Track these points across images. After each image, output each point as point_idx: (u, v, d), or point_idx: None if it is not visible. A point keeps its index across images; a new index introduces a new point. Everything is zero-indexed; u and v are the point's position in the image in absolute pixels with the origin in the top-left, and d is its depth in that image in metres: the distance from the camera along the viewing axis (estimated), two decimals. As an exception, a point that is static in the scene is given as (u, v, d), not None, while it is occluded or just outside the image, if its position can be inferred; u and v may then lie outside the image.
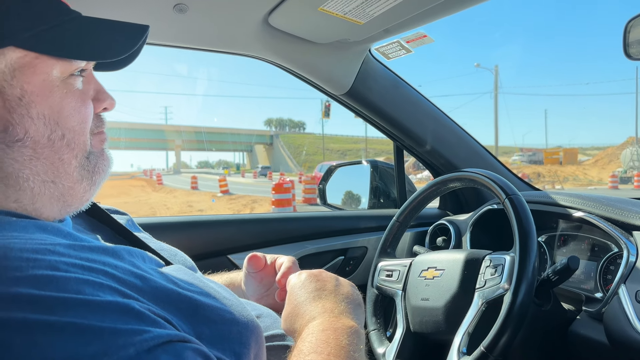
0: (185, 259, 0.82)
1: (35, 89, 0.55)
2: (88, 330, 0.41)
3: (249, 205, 14.22)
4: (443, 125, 1.68)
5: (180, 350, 0.44)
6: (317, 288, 0.70)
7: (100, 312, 0.42)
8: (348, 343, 0.59)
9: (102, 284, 0.46)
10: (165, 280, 0.53)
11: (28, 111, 0.54)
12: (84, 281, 0.45)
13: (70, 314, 0.41)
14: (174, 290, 0.52)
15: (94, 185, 0.63)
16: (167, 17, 1.17)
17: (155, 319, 0.46)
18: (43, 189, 0.57)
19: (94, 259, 0.49)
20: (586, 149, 74.93)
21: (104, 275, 0.47)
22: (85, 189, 0.61)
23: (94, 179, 0.62)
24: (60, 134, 0.57)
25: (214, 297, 0.56)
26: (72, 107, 0.58)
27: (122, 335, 0.42)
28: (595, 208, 1.18)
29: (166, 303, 0.50)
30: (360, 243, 1.65)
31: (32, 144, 0.55)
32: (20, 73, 0.54)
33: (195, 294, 0.54)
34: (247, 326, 0.56)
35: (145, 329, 0.43)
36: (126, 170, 64.23)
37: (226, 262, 1.46)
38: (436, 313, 1.05)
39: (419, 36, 1.35)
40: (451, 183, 1.21)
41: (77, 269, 0.46)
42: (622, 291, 1.01)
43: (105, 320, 0.42)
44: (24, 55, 0.54)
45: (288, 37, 1.34)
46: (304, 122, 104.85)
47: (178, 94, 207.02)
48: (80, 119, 0.59)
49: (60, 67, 0.57)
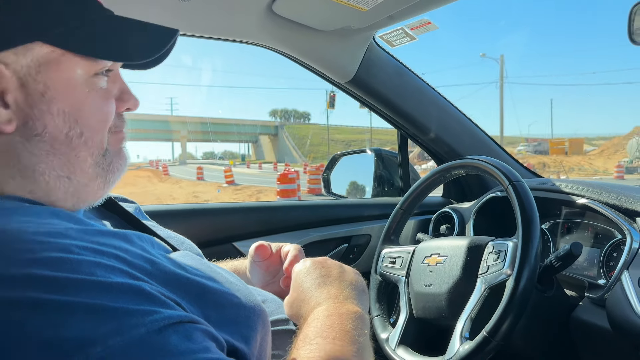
0: (192, 247, 0.83)
1: (59, 85, 0.55)
2: (101, 310, 0.41)
3: (254, 195, 14.25)
4: (447, 113, 1.68)
5: (190, 331, 0.45)
6: (322, 275, 0.71)
7: (112, 293, 0.43)
8: (353, 328, 0.60)
9: (114, 266, 0.46)
10: (174, 265, 0.54)
11: (49, 107, 0.55)
12: (95, 264, 0.45)
13: (82, 294, 0.42)
14: (182, 275, 0.52)
15: (108, 183, 0.63)
16: (171, 5, 1.17)
17: (165, 301, 0.46)
18: (58, 183, 0.57)
19: (105, 242, 0.50)
20: (592, 138, 74.39)
21: (115, 259, 0.48)
22: (100, 186, 0.62)
23: (108, 177, 0.62)
24: (79, 132, 0.57)
25: (221, 282, 0.57)
26: (93, 106, 0.58)
27: (133, 315, 0.42)
28: (598, 195, 1.18)
29: (175, 287, 0.50)
30: (364, 231, 1.66)
31: (50, 139, 0.55)
32: (45, 69, 0.54)
33: (203, 279, 0.54)
34: (254, 310, 0.57)
35: (156, 309, 0.44)
36: (132, 161, 64.43)
37: (231, 249, 1.47)
38: (439, 299, 1.06)
39: (423, 23, 1.35)
40: (455, 170, 1.21)
41: (89, 252, 0.46)
42: (625, 277, 1.02)
43: (118, 301, 0.43)
44: (50, 52, 0.54)
45: (292, 25, 1.34)
46: (309, 113, 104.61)
47: (183, 84, 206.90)
48: (101, 118, 0.60)
49: (85, 65, 0.57)
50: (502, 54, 43.04)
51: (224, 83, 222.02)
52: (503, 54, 41.52)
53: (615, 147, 36.49)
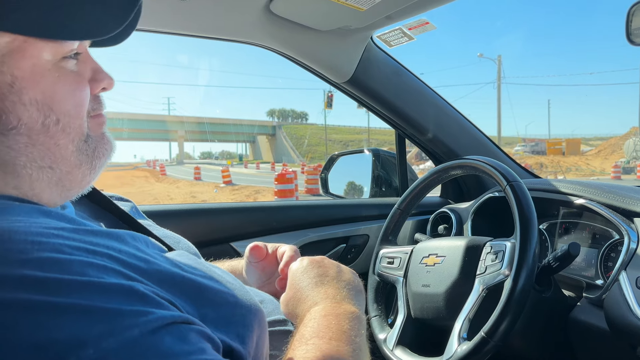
0: (189, 246, 0.83)
1: (26, 74, 0.53)
2: (93, 311, 0.41)
3: (251, 195, 14.24)
4: (445, 114, 1.68)
5: (184, 332, 0.45)
6: (319, 274, 0.71)
7: (104, 293, 0.43)
8: (349, 328, 0.59)
9: (106, 266, 0.46)
10: (169, 264, 0.53)
11: (20, 98, 0.53)
12: (88, 264, 0.45)
13: (75, 295, 0.41)
14: (178, 273, 0.52)
15: (94, 170, 0.61)
16: (169, 4, 1.17)
17: (159, 301, 0.46)
18: (41, 174, 0.56)
19: (97, 242, 0.49)
20: (589, 139, 74.63)
21: (108, 259, 0.47)
22: (85, 173, 0.60)
23: (93, 163, 0.61)
24: (55, 119, 0.55)
25: (218, 281, 0.56)
26: (65, 90, 0.56)
27: (126, 316, 0.42)
28: (596, 195, 1.18)
29: (170, 285, 0.50)
30: (362, 231, 1.66)
31: (26, 130, 0.54)
32: (9, 59, 0.52)
33: (198, 277, 0.54)
34: (251, 309, 0.57)
35: (149, 310, 0.43)
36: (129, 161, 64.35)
37: (229, 249, 1.47)
38: (437, 299, 1.06)
39: (421, 23, 1.34)
40: (453, 170, 1.21)
41: (82, 252, 0.46)
42: (622, 278, 1.02)
43: (110, 302, 0.42)
44: (12, 40, 0.52)
45: (290, 24, 1.34)
46: (307, 113, 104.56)
47: (181, 84, 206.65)
48: (76, 103, 0.57)
49: (51, 49, 0.54)
50: (500, 55, 43.06)
51: (222, 83, 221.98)
52: (500, 55, 41.53)
53: (612, 147, 36.61)
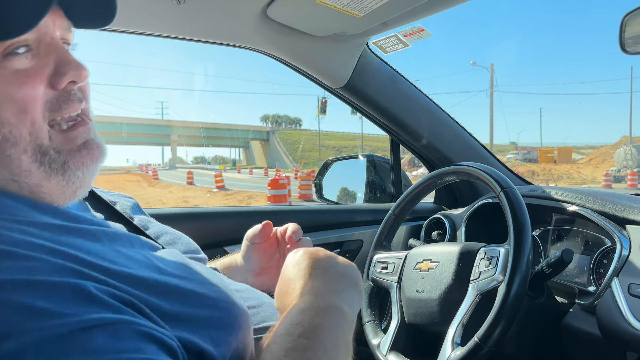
0: (189, 242, 0.83)
1: None
2: (27, 309, 0.41)
3: (244, 201, 14.22)
4: (439, 120, 1.69)
5: (122, 332, 0.43)
6: (309, 265, 0.65)
7: (46, 292, 0.42)
8: (326, 323, 0.55)
9: (64, 266, 0.45)
10: (146, 265, 0.53)
11: None
12: (42, 261, 0.44)
13: (13, 293, 0.41)
14: (151, 276, 0.51)
15: (71, 182, 0.56)
16: (166, 7, 1.17)
17: (108, 302, 0.45)
18: (10, 187, 0.53)
19: (66, 242, 0.49)
20: (580, 147, 75.21)
21: (71, 260, 0.46)
22: (58, 186, 0.56)
23: (67, 175, 0.56)
24: None
25: (199, 283, 0.56)
26: (3, 95, 0.51)
27: (59, 315, 0.41)
28: (589, 202, 1.19)
29: (141, 285, 0.49)
30: (356, 236, 1.66)
31: None
32: None
33: (176, 278, 0.53)
34: (230, 312, 0.55)
35: (89, 310, 0.43)
36: (122, 165, 64.03)
37: (222, 253, 1.45)
38: (431, 304, 1.06)
39: (416, 30, 1.36)
40: (447, 176, 1.22)
41: (40, 252, 0.45)
42: (614, 284, 1.02)
43: (49, 301, 0.42)
44: None
45: (286, 30, 1.34)
46: (300, 119, 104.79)
47: (174, 88, 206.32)
48: (17, 108, 0.51)
49: None
50: (493, 63, 43.38)
51: (216, 87, 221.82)
52: (493, 63, 41.83)
53: (603, 156, 36.91)
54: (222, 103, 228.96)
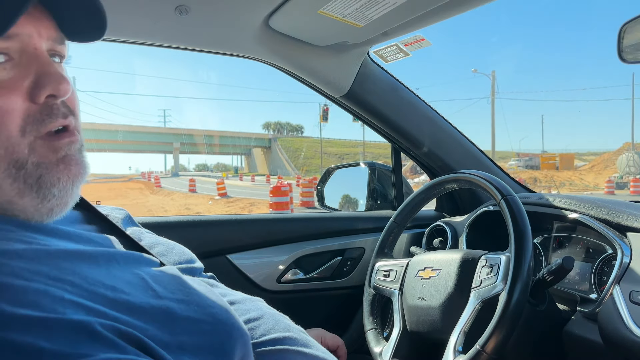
0: (182, 253, 0.81)
1: None
2: (27, 351, 0.38)
3: (246, 208, 14.22)
4: (440, 128, 1.70)
5: None
6: None
7: (49, 331, 0.40)
8: None
9: (63, 298, 0.43)
10: (143, 290, 0.51)
11: None
12: (43, 293, 0.42)
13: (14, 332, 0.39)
14: (148, 303, 0.50)
15: (46, 200, 0.53)
16: (169, 18, 1.18)
17: (112, 340, 0.43)
18: None
19: (65, 267, 0.47)
20: (582, 154, 75.16)
21: (70, 286, 0.45)
22: (32, 203, 0.52)
23: (42, 192, 0.52)
24: None
25: (197, 306, 0.54)
26: None
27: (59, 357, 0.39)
28: (590, 209, 1.20)
29: (141, 313, 0.48)
30: (357, 244, 1.66)
31: None
32: None
33: (173, 303, 0.52)
34: (231, 335, 0.55)
35: (91, 353, 0.40)
36: (124, 173, 64.13)
37: (225, 261, 1.47)
38: (432, 312, 1.06)
39: (416, 39, 1.37)
40: (448, 184, 1.23)
41: (41, 278, 0.44)
42: (616, 292, 1.03)
43: (51, 342, 0.39)
44: None
45: (288, 40, 1.36)
46: (302, 126, 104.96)
47: (177, 97, 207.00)
48: None
49: None
50: (494, 70, 43.42)
51: (218, 95, 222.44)
52: (494, 70, 41.89)
53: (605, 162, 36.84)
54: (225, 111, 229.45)
